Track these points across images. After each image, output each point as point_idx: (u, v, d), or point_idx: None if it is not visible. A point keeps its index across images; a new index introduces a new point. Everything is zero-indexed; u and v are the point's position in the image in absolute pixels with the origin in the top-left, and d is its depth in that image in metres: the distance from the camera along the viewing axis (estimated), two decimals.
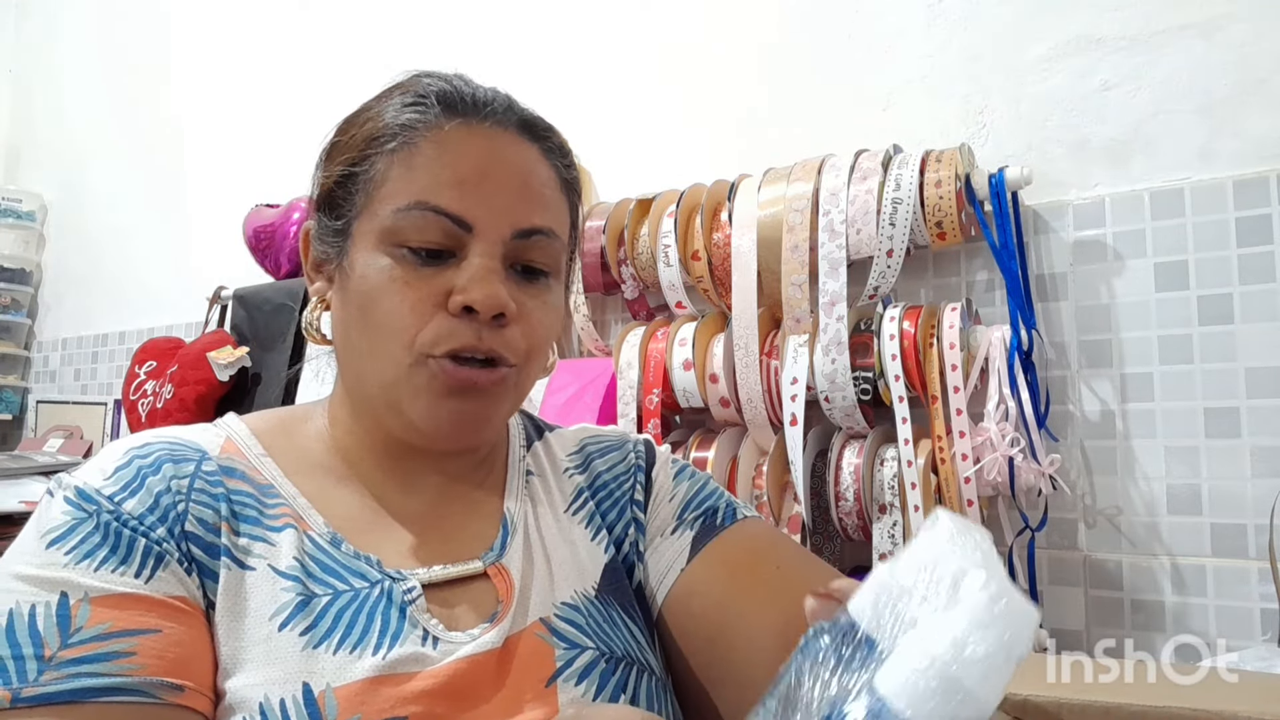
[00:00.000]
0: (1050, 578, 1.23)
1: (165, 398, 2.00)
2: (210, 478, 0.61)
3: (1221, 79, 1.16)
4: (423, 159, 0.63)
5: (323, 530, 0.62)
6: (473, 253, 0.62)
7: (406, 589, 0.60)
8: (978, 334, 1.21)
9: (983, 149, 1.30)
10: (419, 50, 1.98)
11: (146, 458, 0.60)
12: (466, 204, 0.62)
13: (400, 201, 0.62)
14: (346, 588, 0.60)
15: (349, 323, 0.65)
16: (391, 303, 0.61)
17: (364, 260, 0.63)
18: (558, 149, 0.69)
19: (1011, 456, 1.15)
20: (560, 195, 0.68)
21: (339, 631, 0.57)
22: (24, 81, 3.25)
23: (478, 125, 0.64)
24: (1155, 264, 1.18)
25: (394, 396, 0.63)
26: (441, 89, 0.66)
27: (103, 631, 0.52)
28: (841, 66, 1.46)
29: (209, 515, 0.59)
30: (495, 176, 0.63)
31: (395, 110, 0.65)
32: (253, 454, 0.65)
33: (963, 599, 0.33)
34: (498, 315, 0.61)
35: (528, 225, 0.63)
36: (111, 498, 0.57)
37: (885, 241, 1.21)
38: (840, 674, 0.32)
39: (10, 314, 3.02)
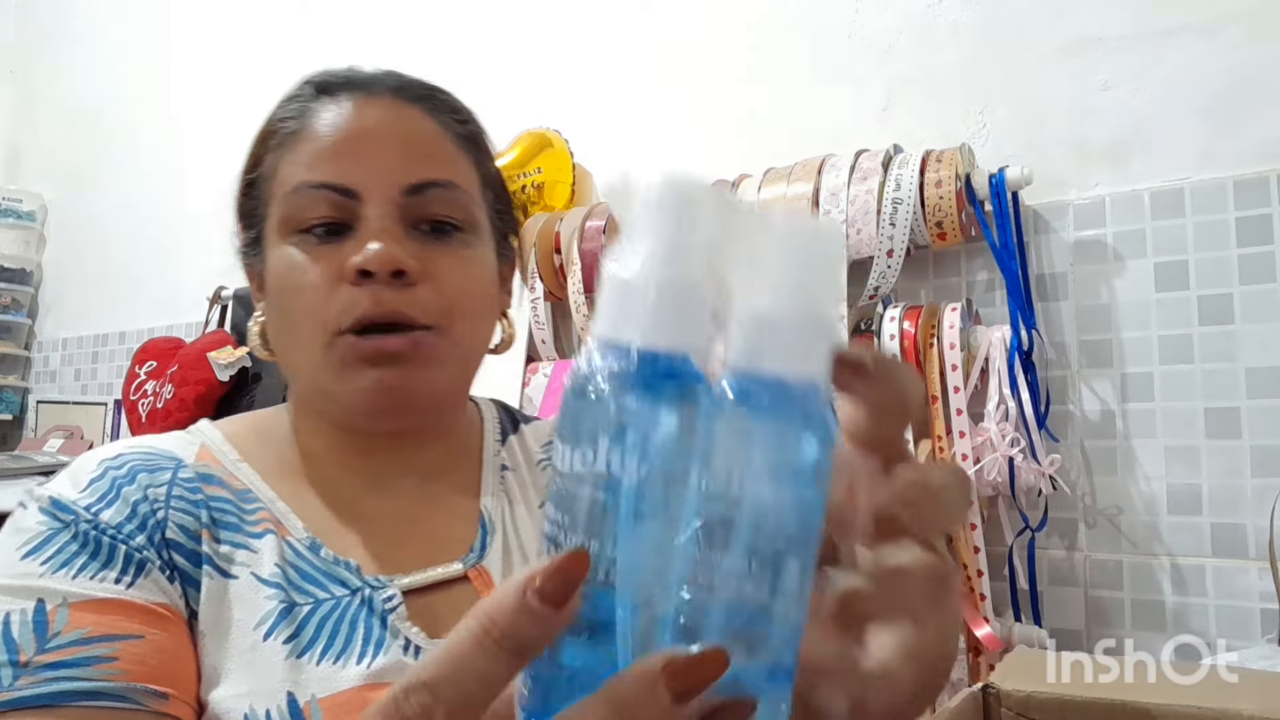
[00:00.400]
0: (1050, 578, 1.23)
1: (165, 398, 2.00)
2: (188, 485, 0.60)
3: (1221, 79, 1.16)
4: (300, 142, 0.63)
5: (302, 535, 0.61)
6: (365, 220, 0.61)
7: (386, 597, 0.59)
8: (978, 334, 1.21)
9: (983, 149, 1.31)
10: (418, 50, 1.98)
11: (120, 468, 0.59)
12: (346, 171, 0.61)
13: (287, 188, 0.62)
14: (328, 596, 0.59)
15: (274, 323, 0.65)
16: (298, 288, 0.61)
17: (274, 258, 0.63)
18: (445, 106, 0.67)
19: (1011, 456, 1.16)
20: (455, 149, 0.66)
21: (322, 641, 0.56)
22: (24, 81, 3.25)
23: (349, 98, 0.64)
24: (1155, 264, 1.18)
25: (320, 383, 0.62)
26: (318, 79, 0.66)
27: (82, 636, 0.50)
28: (841, 66, 1.46)
29: (190, 523, 0.58)
30: (373, 139, 0.62)
31: (281, 107, 0.66)
32: (228, 460, 0.64)
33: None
34: (397, 274, 0.59)
35: (416, 179, 0.62)
36: (88, 508, 0.56)
37: (885, 241, 1.21)
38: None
39: (10, 314, 3.02)
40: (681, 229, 0.27)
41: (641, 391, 0.26)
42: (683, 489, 0.26)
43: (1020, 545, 1.22)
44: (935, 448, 1.18)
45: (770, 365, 0.27)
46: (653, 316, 0.26)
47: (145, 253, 2.68)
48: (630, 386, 0.26)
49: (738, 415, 0.27)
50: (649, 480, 0.26)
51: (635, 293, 0.27)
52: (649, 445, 0.26)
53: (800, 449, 0.27)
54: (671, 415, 0.26)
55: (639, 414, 0.26)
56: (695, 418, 0.27)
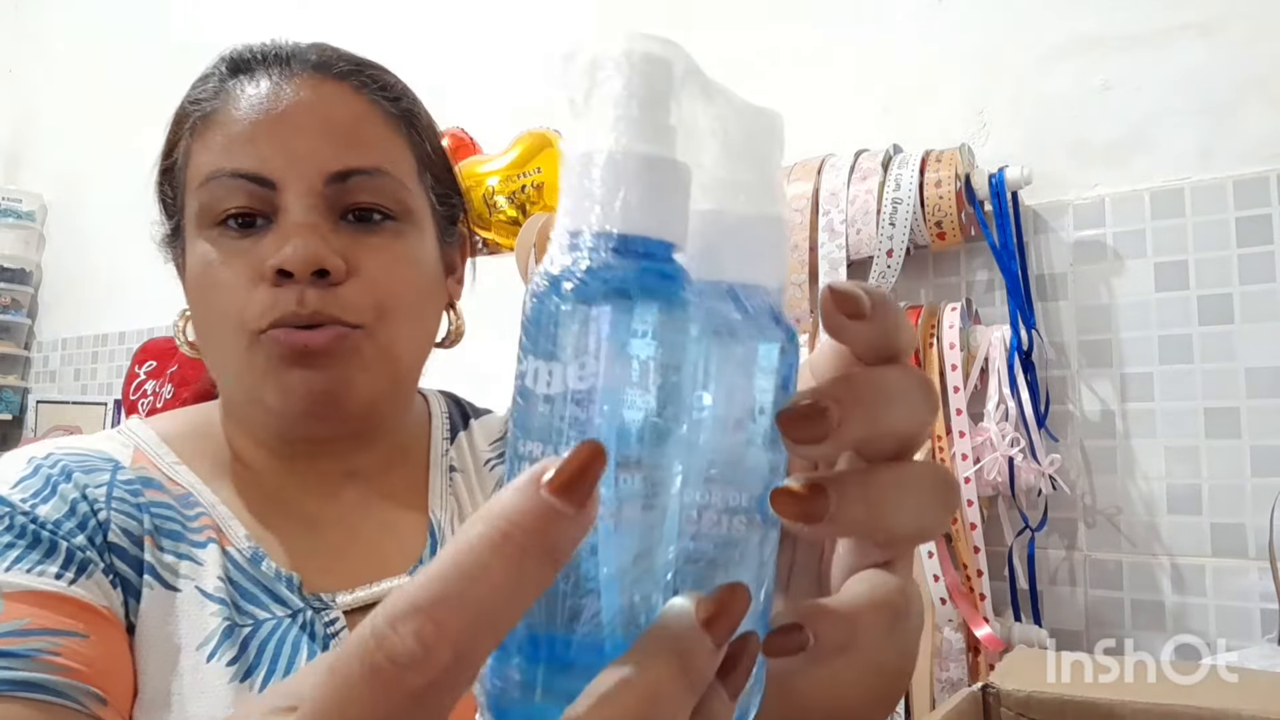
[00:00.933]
0: (1050, 578, 1.23)
1: (165, 398, 2.00)
2: (128, 487, 0.55)
3: (1221, 79, 1.16)
4: (215, 127, 0.58)
5: (244, 545, 0.57)
6: (285, 211, 0.56)
7: (329, 620, 0.56)
8: (978, 334, 1.21)
9: (983, 149, 1.30)
10: (419, 50, 1.98)
11: (53, 467, 0.55)
12: (262, 158, 0.56)
13: (201, 177, 0.57)
14: (269, 616, 0.55)
15: (196, 321, 0.61)
16: (215, 286, 0.56)
17: (191, 252, 0.59)
18: (374, 82, 0.61)
19: (1011, 456, 1.15)
20: (386, 129, 0.60)
21: (264, 666, 0.53)
22: (24, 81, 3.25)
23: (265, 77, 0.59)
24: (1155, 264, 1.18)
25: (244, 384, 0.58)
26: (233, 54, 0.61)
27: (20, 628, 0.46)
28: (841, 66, 1.46)
29: (133, 526, 0.54)
30: (291, 122, 0.56)
31: (195, 89, 0.61)
32: (165, 462, 0.59)
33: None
34: (320, 273, 0.54)
35: (340, 167, 0.56)
36: (23, 502, 0.52)
37: (885, 241, 1.21)
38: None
39: (10, 314, 3.01)
40: (658, 95, 0.23)
41: (633, 288, 0.22)
42: (678, 404, 0.23)
43: (1020, 545, 1.22)
44: (935, 447, 1.18)
45: (731, 273, 0.25)
46: (637, 197, 0.22)
47: (145, 252, 2.67)
48: (618, 283, 0.22)
49: (712, 317, 0.25)
50: (640, 380, 0.22)
51: (612, 168, 0.22)
52: (643, 352, 0.22)
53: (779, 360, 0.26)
54: (663, 318, 0.22)
55: (626, 315, 0.22)
56: (687, 323, 0.23)
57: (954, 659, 1.14)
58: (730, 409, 0.25)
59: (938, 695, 1.14)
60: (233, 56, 0.61)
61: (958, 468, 1.16)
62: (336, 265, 0.55)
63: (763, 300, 0.25)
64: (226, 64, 0.61)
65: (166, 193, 0.64)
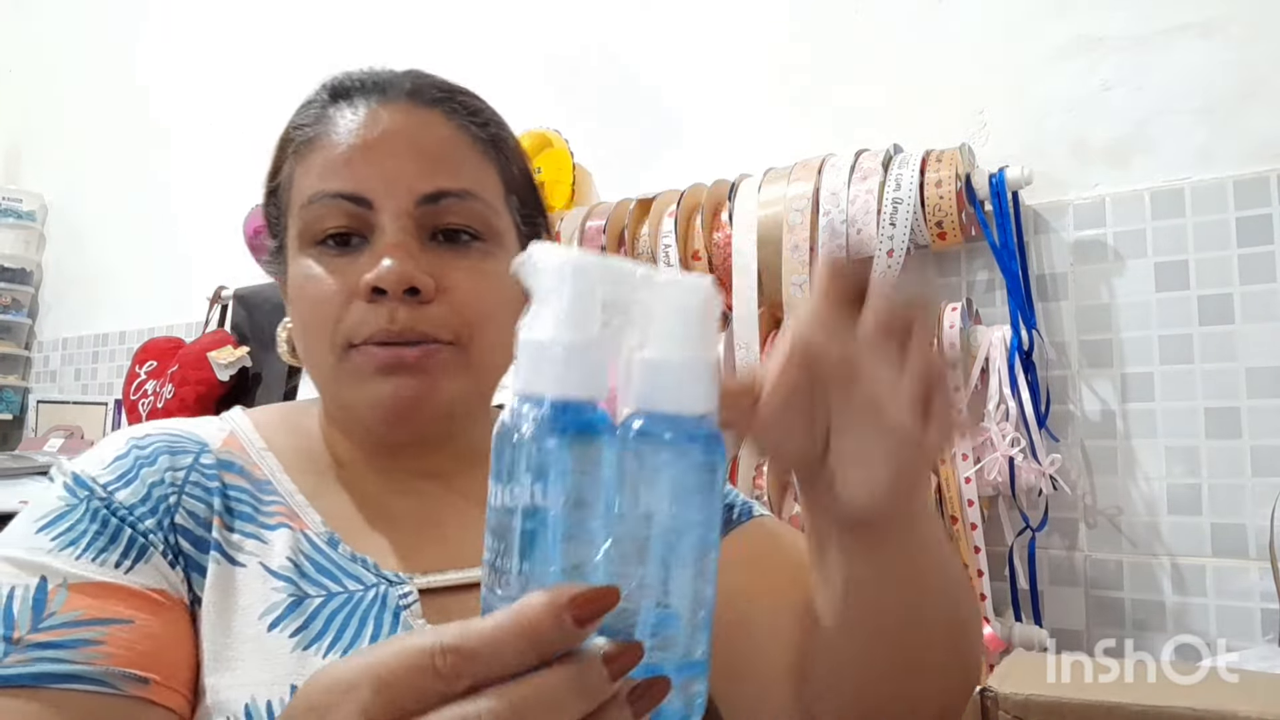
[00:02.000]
0: (1050, 578, 1.23)
1: (165, 397, 2.00)
2: (206, 471, 0.61)
3: (1221, 79, 1.16)
4: (316, 152, 0.62)
5: (320, 530, 0.61)
6: (380, 230, 0.60)
7: (402, 594, 0.59)
8: (978, 334, 1.21)
9: (983, 149, 1.30)
10: (419, 50, 1.98)
11: (145, 449, 0.60)
12: (359, 180, 0.60)
13: (302, 199, 0.62)
14: (340, 589, 0.58)
15: (296, 332, 0.65)
16: (311, 300, 0.61)
17: (293, 269, 0.63)
18: (463, 109, 0.65)
19: (1012, 456, 1.15)
20: (475, 154, 0.64)
21: (330, 634, 0.56)
22: (24, 81, 3.25)
23: (365, 104, 0.63)
24: (1155, 264, 1.18)
25: (335, 392, 0.63)
26: (336, 82, 0.65)
27: (74, 619, 0.51)
28: (841, 66, 1.46)
29: (201, 509, 0.59)
30: (386, 147, 0.61)
31: (298, 114, 0.65)
32: (254, 449, 0.64)
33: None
34: (411, 291, 0.58)
35: (430, 189, 0.60)
36: (106, 486, 0.57)
37: (885, 241, 1.21)
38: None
39: (10, 314, 3.01)
40: (580, 297, 0.32)
41: (557, 435, 0.31)
42: (597, 513, 0.32)
43: (1020, 545, 1.22)
44: None
45: (663, 404, 0.33)
46: (561, 372, 0.32)
47: (145, 252, 2.68)
48: (547, 432, 0.31)
49: (639, 448, 0.33)
50: (568, 509, 0.32)
51: (546, 353, 0.32)
52: (566, 480, 0.31)
53: (695, 471, 0.33)
54: (582, 453, 0.32)
55: (556, 454, 0.31)
56: (603, 453, 0.32)
57: None
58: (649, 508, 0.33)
59: None
60: (333, 84, 0.65)
61: (958, 467, 1.16)
62: (426, 284, 0.59)
63: (690, 421, 0.33)
64: (328, 91, 0.65)
65: (272, 213, 0.67)
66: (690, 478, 0.33)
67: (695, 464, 0.33)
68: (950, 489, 1.16)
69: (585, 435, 0.32)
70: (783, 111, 1.51)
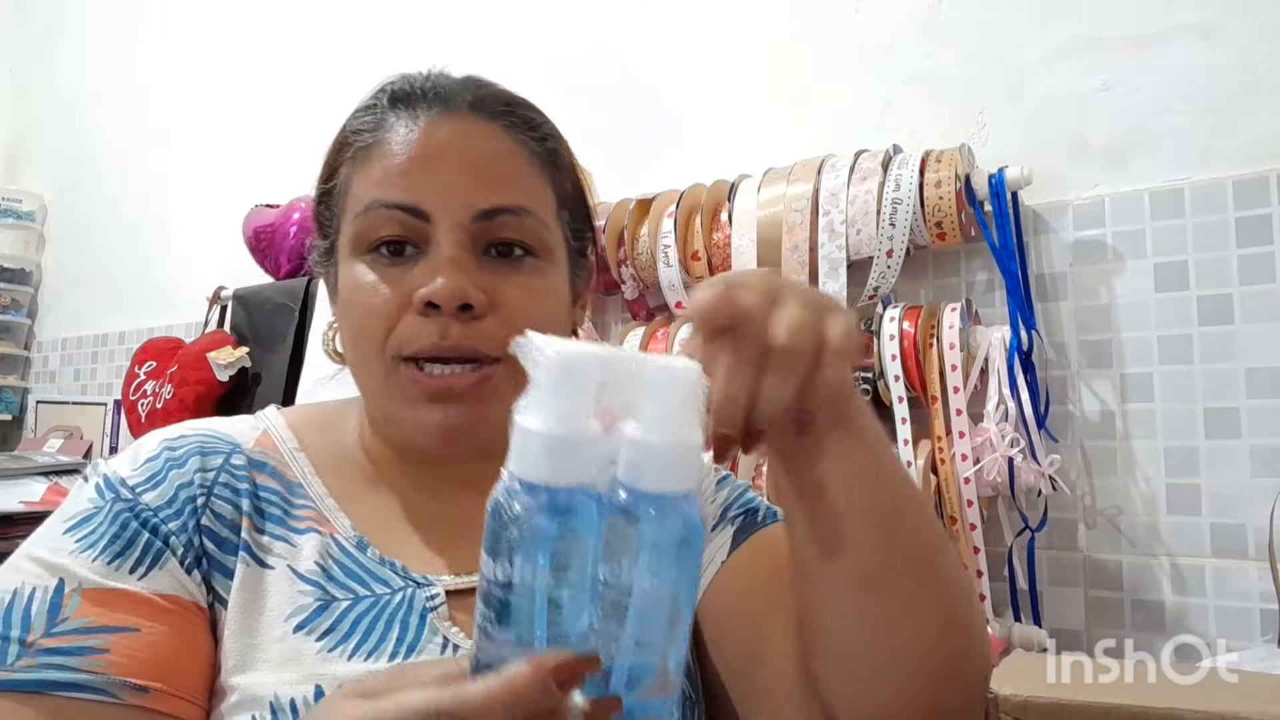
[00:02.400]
0: (1050, 578, 1.23)
1: (165, 398, 2.00)
2: (237, 472, 0.61)
3: (1221, 79, 1.16)
4: (375, 159, 0.62)
5: (349, 534, 0.62)
6: (435, 244, 0.60)
7: (430, 595, 0.60)
8: (978, 334, 1.21)
9: (983, 149, 1.30)
10: (420, 48, 1.97)
11: (176, 451, 0.61)
12: (416, 192, 0.60)
13: (359, 206, 0.62)
14: (368, 593, 0.59)
15: (344, 336, 0.65)
16: (363, 309, 0.61)
17: (344, 273, 0.63)
18: (523, 123, 0.65)
19: (1011, 457, 1.15)
20: (532, 169, 0.64)
21: (356, 636, 0.57)
22: (24, 81, 3.25)
23: (425, 114, 0.63)
24: (1155, 264, 1.18)
25: (382, 404, 0.63)
26: (397, 87, 0.65)
27: (83, 625, 0.52)
28: (841, 66, 1.46)
29: (228, 511, 0.59)
30: (445, 160, 0.61)
31: (355, 118, 0.65)
32: (287, 449, 0.65)
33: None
34: (464, 306, 0.59)
35: (487, 205, 0.61)
36: (134, 488, 0.58)
37: (885, 242, 1.21)
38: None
39: (10, 314, 3.01)
40: (574, 392, 0.35)
41: (544, 517, 0.35)
42: (582, 586, 0.36)
43: (1020, 545, 1.22)
44: (935, 448, 1.18)
45: (648, 483, 0.36)
46: (550, 461, 0.35)
47: (145, 253, 2.68)
48: (536, 514, 0.35)
49: (625, 523, 0.36)
50: (555, 584, 0.35)
51: (539, 443, 0.35)
52: (551, 557, 0.35)
53: (676, 545, 0.36)
54: (566, 532, 0.35)
55: (543, 534, 0.35)
56: (588, 533, 0.36)
57: None
58: (630, 579, 0.36)
59: None
60: (394, 90, 0.64)
61: (957, 468, 1.16)
62: (480, 300, 0.59)
63: (676, 502, 0.36)
64: (387, 96, 0.64)
65: (323, 214, 0.67)
66: (670, 552, 0.36)
67: (674, 539, 0.36)
68: (950, 489, 1.16)
69: (568, 517, 0.35)
70: (783, 111, 1.51)
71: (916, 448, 1.19)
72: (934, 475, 1.18)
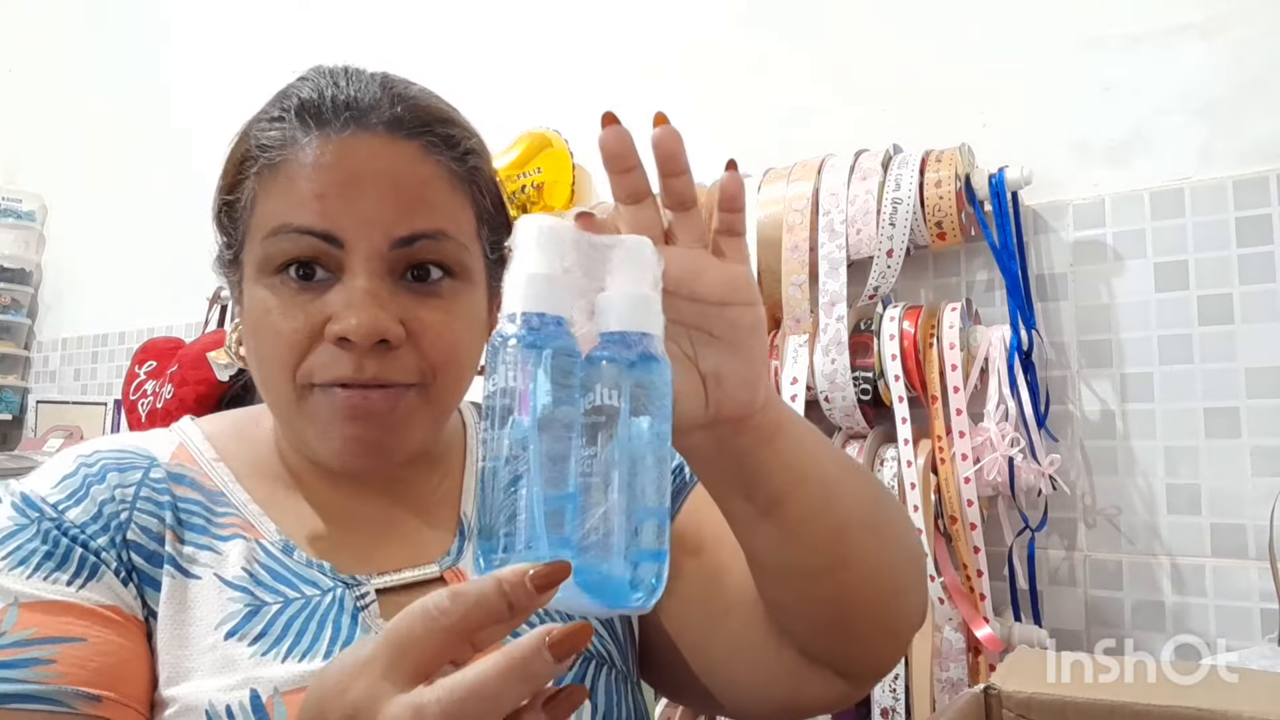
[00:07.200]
0: (1050, 578, 1.23)
1: (165, 398, 2.00)
2: (157, 485, 0.60)
3: (1221, 79, 1.16)
4: (284, 179, 0.59)
5: (275, 538, 0.61)
6: (350, 271, 0.57)
7: (360, 594, 0.60)
8: (978, 334, 1.21)
9: (983, 149, 1.30)
10: (418, 50, 1.98)
11: (93, 466, 0.60)
12: (331, 218, 0.57)
13: (269, 225, 0.59)
14: (297, 595, 0.59)
15: (250, 352, 0.63)
16: (271, 336, 0.58)
17: (252, 293, 0.60)
18: (443, 141, 0.62)
19: (1011, 456, 1.15)
20: (451, 192, 0.61)
21: (289, 639, 0.57)
22: (24, 81, 3.25)
23: (338, 133, 0.59)
24: (1155, 264, 1.18)
25: (294, 428, 0.61)
26: (304, 98, 0.60)
27: (25, 638, 0.52)
28: (842, 66, 1.46)
29: (153, 524, 0.59)
30: (361, 185, 0.57)
31: (260, 128, 0.61)
32: (204, 459, 0.64)
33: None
34: (380, 341, 0.57)
35: (406, 232, 0.58)
36: (55, 505, 0.57)
37: (885, 241, 1.21)
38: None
39: (10, 314, 3.01)
40: (540, 247, 0.41)
41: (526, 337, 0.40)
42: (569, 404, 0.40)
43: (1020, 545, 1.22)
44: (935, 447, 1.18)
45: (612, 324, 0.41)
46: (531, 294, 0.40)
47: (145, 253, 2.68)
48: (519, 335, 0.40)
49: (598, 356, 0.41)
50: (544, 399, 0.39)
51: (523, 280, 0.40)
52: (538, 374, 0.39)
53: (644, 374, 0.41)
54: (548, 352, 0.40)
55: (527, 353, 0.39)
56: (567, 353, 0.40)
57: (954, 659, 1.14)
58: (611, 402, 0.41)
59: (938, 695, 1.14)
60: (303, 101, 0.60)
61: (957, 468, 1.16)
62: (397, 334, 0.57)
63: (638, 338, 0.42)
64: (296, 110, 0.60)
65: (226, 225, 0.65)
66: (638, 378, 0.41)
67: (638, 367, 0.41)
68: (950, 489, 1.16)
69: (550, 336, 0.40)
70: (783, 111, 1.51)
71: (916, 447, 1.19)
72: (934, 475, 1.18)
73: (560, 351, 0.40)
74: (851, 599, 0.55)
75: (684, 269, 0.46)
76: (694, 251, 0.48)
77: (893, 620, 0.58)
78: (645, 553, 0.41)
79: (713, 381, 0.47)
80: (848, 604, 0.55)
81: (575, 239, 0.42)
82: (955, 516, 1.16)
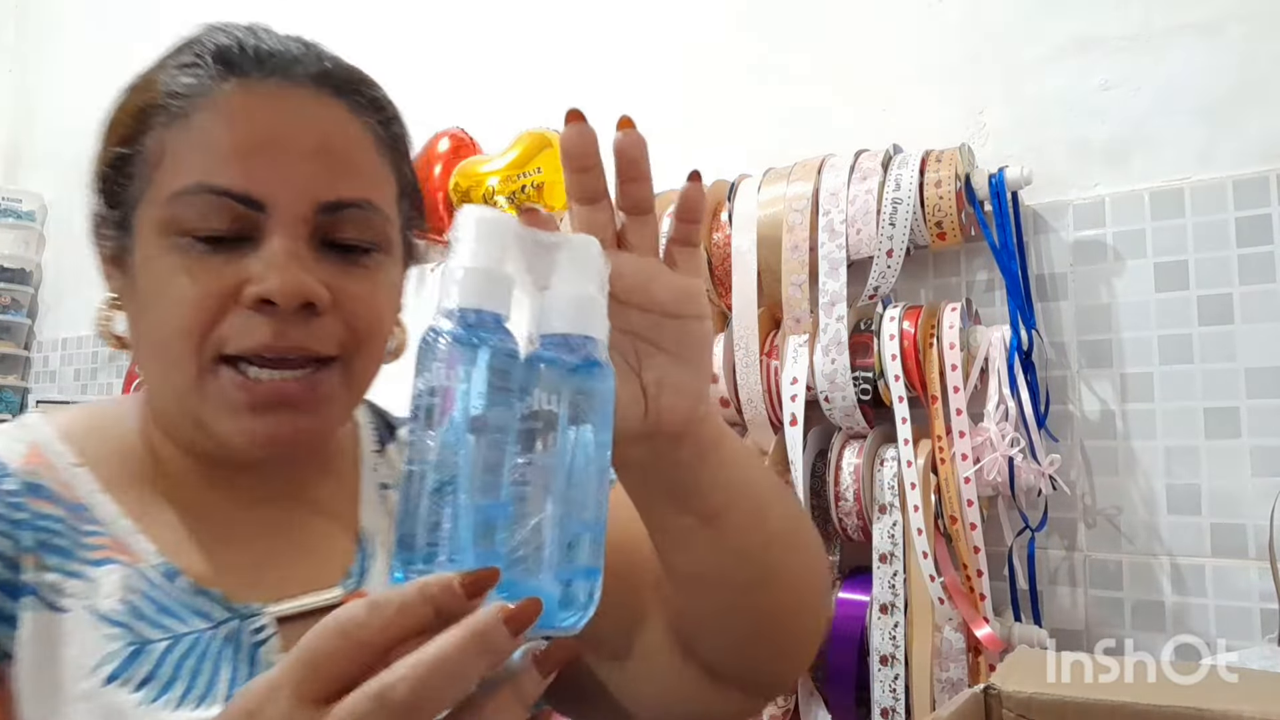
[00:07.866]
0: (1050, 578, 1.23)
1: None
2: (11, 499, 0.52)
3: (1221, 79, 1.16)
4: (200, 131, 0.53)
5: (154, 561, 0.53)
6: (270, 235, 0.52)
7: (255, 629, 0.54)
8: (978, 334, 1.21)
9: (983, 149, 1.30)
10: (418, 50, 1.98)
11: None
12: (255, 179, 0.52)
13: (179, 184, 0.53)
14: (187, 630, 0.52)
15: (137, 325, 0.57)
16: (175, 299, 0.52)
17: (148, 256, 0.54)
18: (370, 103, 0.58)
19: (1011, 456, 1.15)
20: (378, 158, 0.58)
21: (182, 682, 0.50)
22: (24, 81, 3.25)
23: (262, 84, 0.54)
24: (1155, 264, 1.18)
25: (190, 408, 0.54)
26: (221, 45, 0.55)
27: None
28: (842, 66, 1.46)
29: (7, 548, 0.50)
30: (287, 143, 0.53)
31: (169, 75, 0.55)
32: (62, 464, 0.55)
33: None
34: (305, 305, 0.52)
35: (333, 198, 0.54)
36: None
37: (885, 241, 1.21)
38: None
39: (10, 314, 3.01)
40: (481, 240, 0.39)
41: (462, 333, 0.37)
42: (505, 408, 0.38)
43: (1020, 545, 1.22)
44: (935, 447, 1.18)
45: (554, 326, 0.39)
46: (467, 289, 0.38)
47: None
48: (454, 331, 0.37)
49: (538, 358, 0.39)
50: (478, 400, 0.37)
51: (459, 275, 0.38)
52: (473, 374, 0.37)
53: (586, 381, 0.39)
54: (486, 351, 0.37)
55: (462, 350, 0.37)
56: (506, 353, 0.38)
57: (954, 659, 1.14)
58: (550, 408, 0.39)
59: (938, 695, 1.14)
60: (221, 49, 0.55)
61: (957, 468, 1.16)
62: (323, 298, 0.53)
63: (581, 341, 0.39)
64: (213, 56, 0.55)
65: (113, 179, 0.58)
66: (577, 385, 0.39)
67: (578, 372, 0.39)
68: (950, 489, 1.16)
69: (486, 334, 0.38)
70: (783, 111, 1.51)
71: (916, 447, 1.19)
72: (934, 475, 1.18)
73: (498, 351, 0.37)
74: (773, 611, 0.55)
75: (635, 275, 0.44)
76: (646, 259, 0.46)
77: (805, 634, 0.60)
78: (579, 570, 0.38)
79: (654, 392, 0.46)
80: (768, 616, 0.55)
81: (519, 234, 0.40)
82: (955, 516, 1.16)
